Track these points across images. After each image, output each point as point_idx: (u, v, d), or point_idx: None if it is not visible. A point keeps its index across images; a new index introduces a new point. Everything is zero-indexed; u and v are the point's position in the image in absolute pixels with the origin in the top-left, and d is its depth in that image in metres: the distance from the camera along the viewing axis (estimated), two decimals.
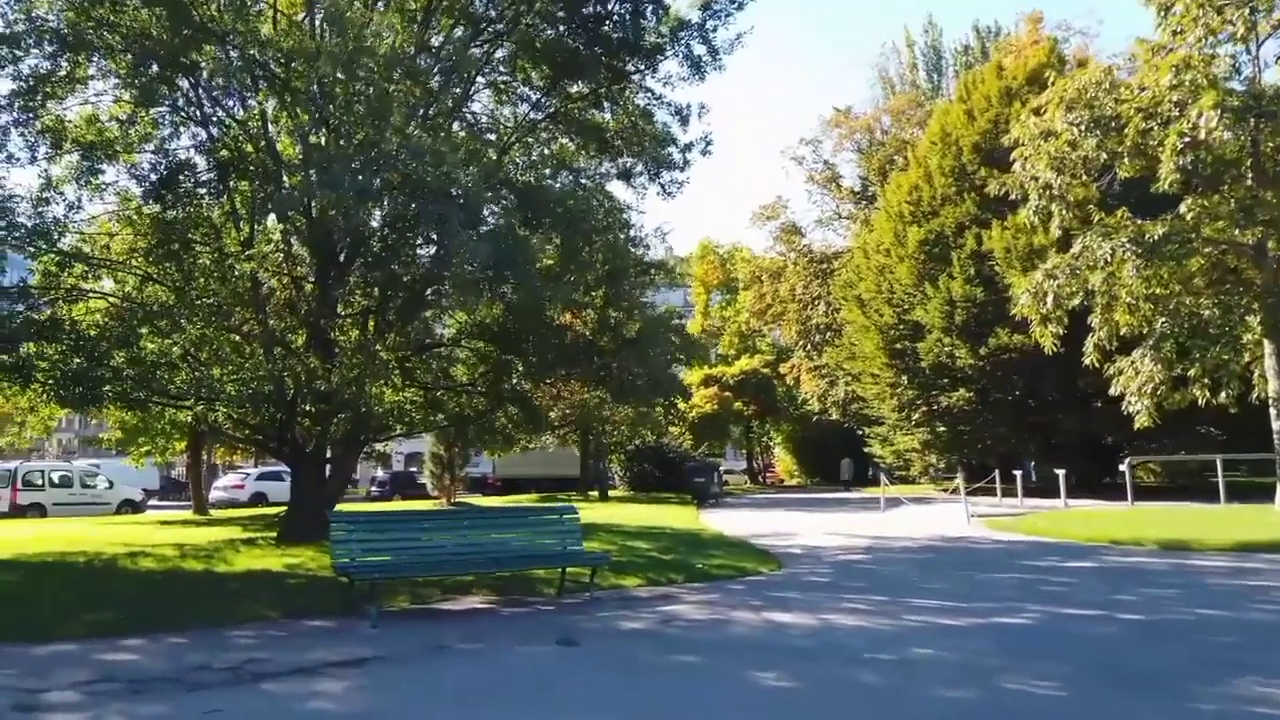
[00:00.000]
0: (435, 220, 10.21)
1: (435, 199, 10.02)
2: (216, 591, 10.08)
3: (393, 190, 10.79)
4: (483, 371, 16.57)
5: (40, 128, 13.86)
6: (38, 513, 27.32)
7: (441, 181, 9.85)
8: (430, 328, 17.73)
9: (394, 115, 10.23)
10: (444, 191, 9.99)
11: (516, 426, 19.64)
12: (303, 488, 15.04)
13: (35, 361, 12.80)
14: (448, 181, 9.88)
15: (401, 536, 9.30)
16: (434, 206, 10.06)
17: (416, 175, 9.98)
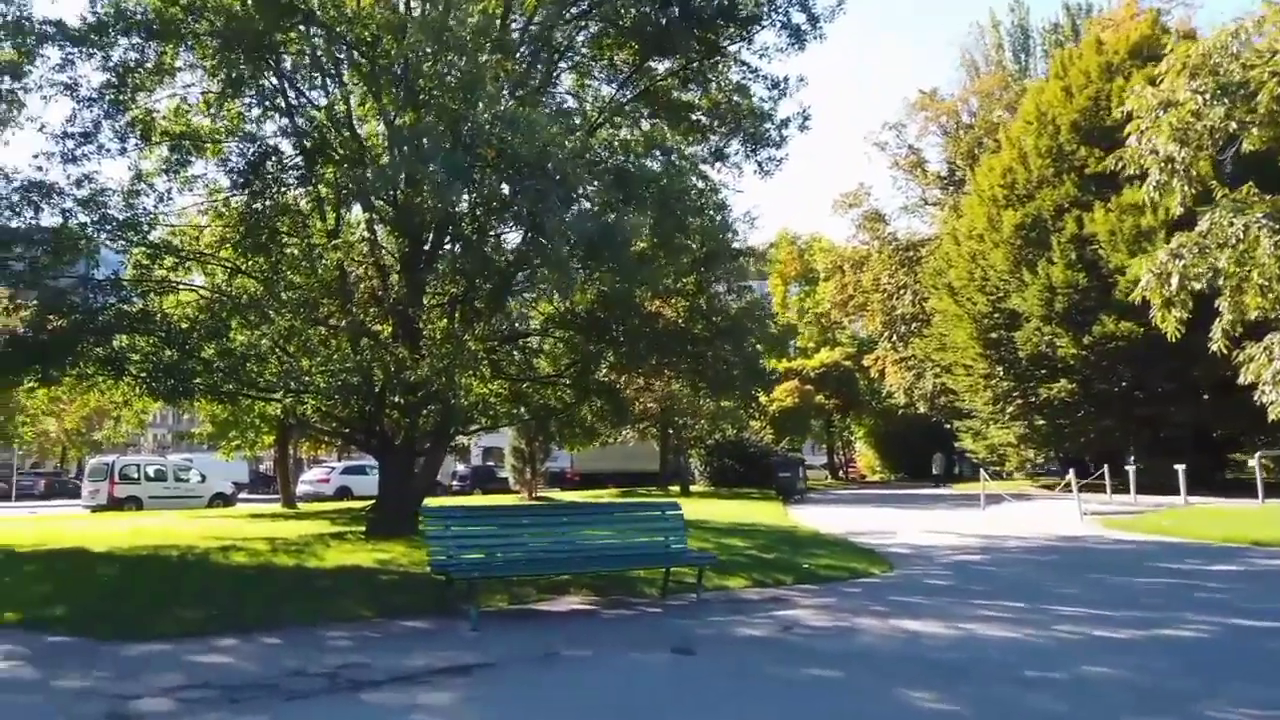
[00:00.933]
0: (531, 197, 9.66)
1: (531, 174, 9.48)
2: (308, 588, 9.73)
3: (485, 168, 10.29)
4: (569, 362, 16.04)
5: (130, 119, 13.84)
6: (134, 505, 27.97)
7: (537, 155, 9.30)
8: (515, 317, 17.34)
9: (487, 86, 9.71)
10: (540, 166, 9.44)
11: (601, 419, 19.10)
12: (391, 481, 14.74)
13: (128, 354, 12.74)
14: (543, 156, 9.33)
15: (499, 533, 8.79)
16: (529, 182, 9.52)
17: (511, 150, 9.45)
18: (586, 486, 43.19)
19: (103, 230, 13.79)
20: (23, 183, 13.69)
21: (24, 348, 12.23)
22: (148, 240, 14.03)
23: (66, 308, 12.66)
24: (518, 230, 12.02)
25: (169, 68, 14.02)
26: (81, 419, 35.33)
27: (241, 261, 14.72)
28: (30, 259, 13.52)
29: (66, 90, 13.65)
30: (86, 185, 13.79)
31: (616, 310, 12.95)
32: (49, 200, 13.61)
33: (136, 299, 13.69)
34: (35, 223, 13.65)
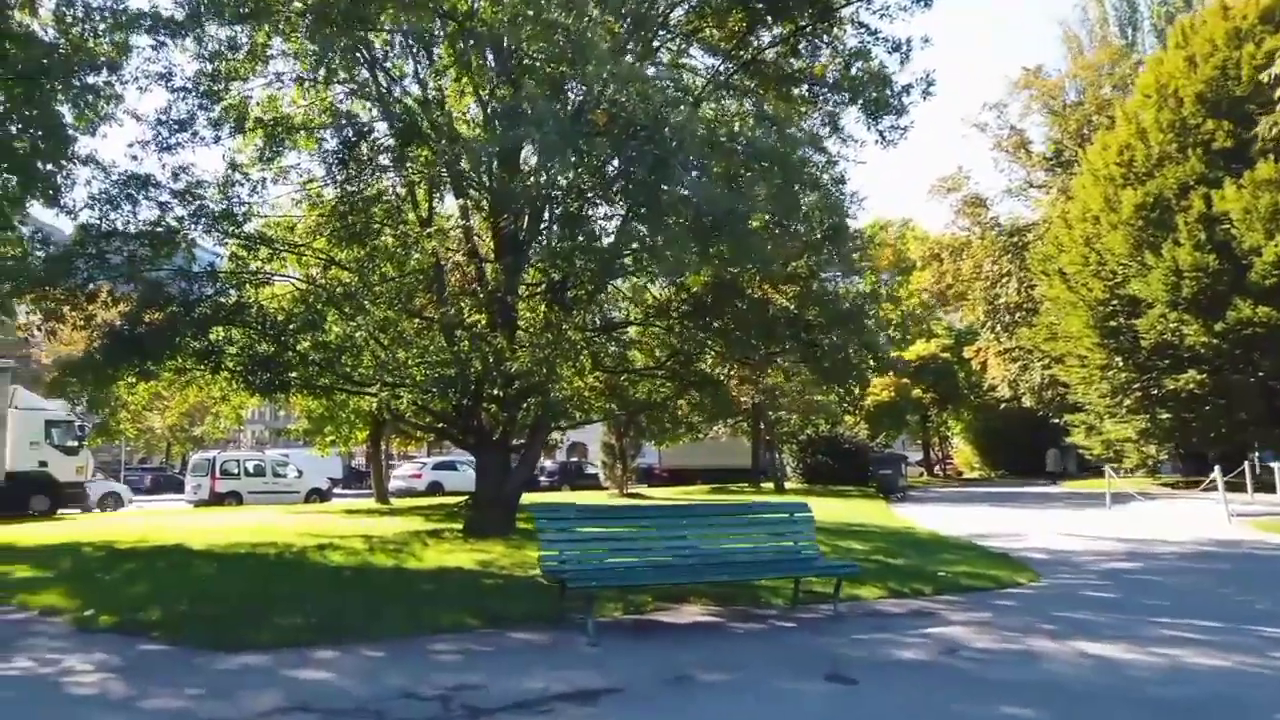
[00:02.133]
0: (650, 163, 8.82)
1: (649, 139, 8.65)
2: (409, 592, 9.12)
3: (594, 136, 9.48)
4: (669, 353, 15.17)
5: (224, 108, 13.57)
6: (235, 500, 28.38)
7: (653, 120, 8.47)
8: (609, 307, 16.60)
9: (598, 45, 8.90)
10: (657, 131, 8.60)
11: (700, 414, 18.19)
12: (488, 478, 14.15)
13: (224, 347, 12.44)
14: (659, 121, 8.50)
15: (615, 536, 7.98)
16: (647, 148, 8.69)
17: (624, 115, 8.64)
18: (674, 482, 42.37)
19: (199, 222, 13.59)
20: (121, 176, 13.59)
21: (122, 342, 12.02)
22: (243, 232, 13.74)
23: (164, 301, 12.41)
24: (624, 206, 11.11)
25: (261, 53, 13.69)
26: (182, 415, 36.26)
27: (335, 252, 14.33)
28: (129, 252, 13.39)
29: (161, 80, 13.48)
30: (183, 177, 13.63)
31: (725, 295, 12.00)
32: (146, 193, 13.48)
33: (232, 291, 13.41)
34: (133, 215, 13.52)
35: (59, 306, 12.63)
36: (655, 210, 9.62)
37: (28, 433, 22.73)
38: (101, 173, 14.14)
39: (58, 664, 6.41)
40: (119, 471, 44.66)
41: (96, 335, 12.69)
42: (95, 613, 8.09)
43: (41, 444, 23.04)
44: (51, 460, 23.17)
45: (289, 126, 13.55)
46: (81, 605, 8.42)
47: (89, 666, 6.33)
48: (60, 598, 8.80)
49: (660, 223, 9.49)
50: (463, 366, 11.40)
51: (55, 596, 8.85)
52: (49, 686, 5.86)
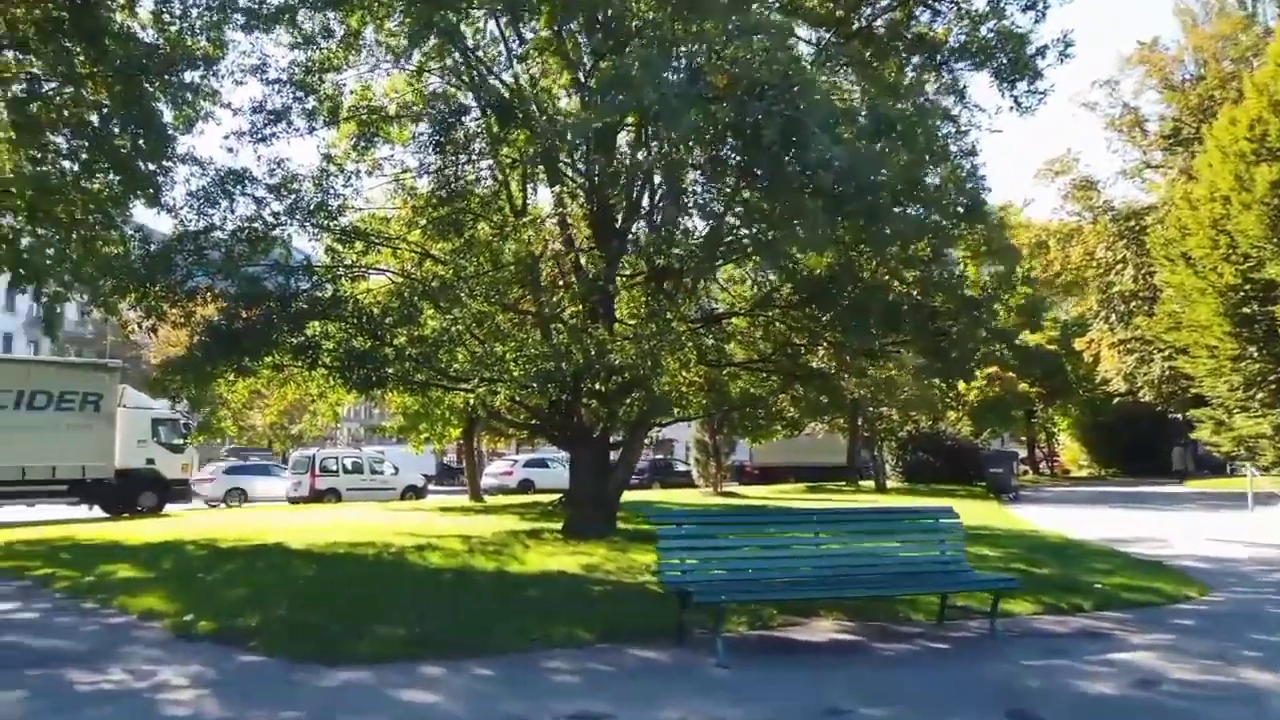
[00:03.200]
0: (780, 128, 7.97)
1: (777, 101, 7.82)
2: (515, 600, 8.54)
3: (713, 100, 8.67)
4: (776, 345, 14.26)
5: (318, 99, 13.31)
6: (334, 497, 28.62)
7: (782, 78, 7.65)
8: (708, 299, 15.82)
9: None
10: (788, 89, 7.77)
11: (808, 409, 17.22)
12: (586, 477, 13.56)
13: (320, 342, 12.14)
14: (788, 80, 7.67)
15: (742, 544, 7.17)
16: (776, 108, 7.86)
17: (749, 74, 7.82)
18: (765, 480, 41.26)
19: (294, 217, 13.37)
20: (218, 172, 13.47)
21: (221, 338, 11.83)
22: (338, 226, 13.47)
23: (261, 296, 12.18)
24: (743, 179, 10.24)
25: (354, 42, 13.38)
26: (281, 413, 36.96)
27: (430, 245, 13.95)
28: (226, 248, 13.24)
29: (255, 72, 13.30)
30: (278, 172, 13.44)
31: (843, 280, 11.03)
32: (243, 188, 13.31)
33: (328, 285, 13.14)
34: (230, 211, 13.37)
35: (159, 303, 12.53)
36: (781, 182, 8.77)
37: (136, 431, 23.23)
38: (199, 169, 14.07)
39: (153, 677, 5.99)
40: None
41: (196, 332, 12.57)
42: (194, 618, 7.74)
43: (149, 442, 23.52)
44: (158, 458, 23.64)
45: (383, 116, 13.19)
46: (180, 609, 8.09)
47: (184, 681, 5.89)
48: (160, 600, 8.51)
49: (788, 195, 8.63)
50: (562, 360, 10.79)
51: (155, 599, 8.56)
52: (143, 705, 5.42)
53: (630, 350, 10.23)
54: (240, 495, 29.33)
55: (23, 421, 20.73)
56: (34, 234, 16.22)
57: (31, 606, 8.71)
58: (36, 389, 21.17)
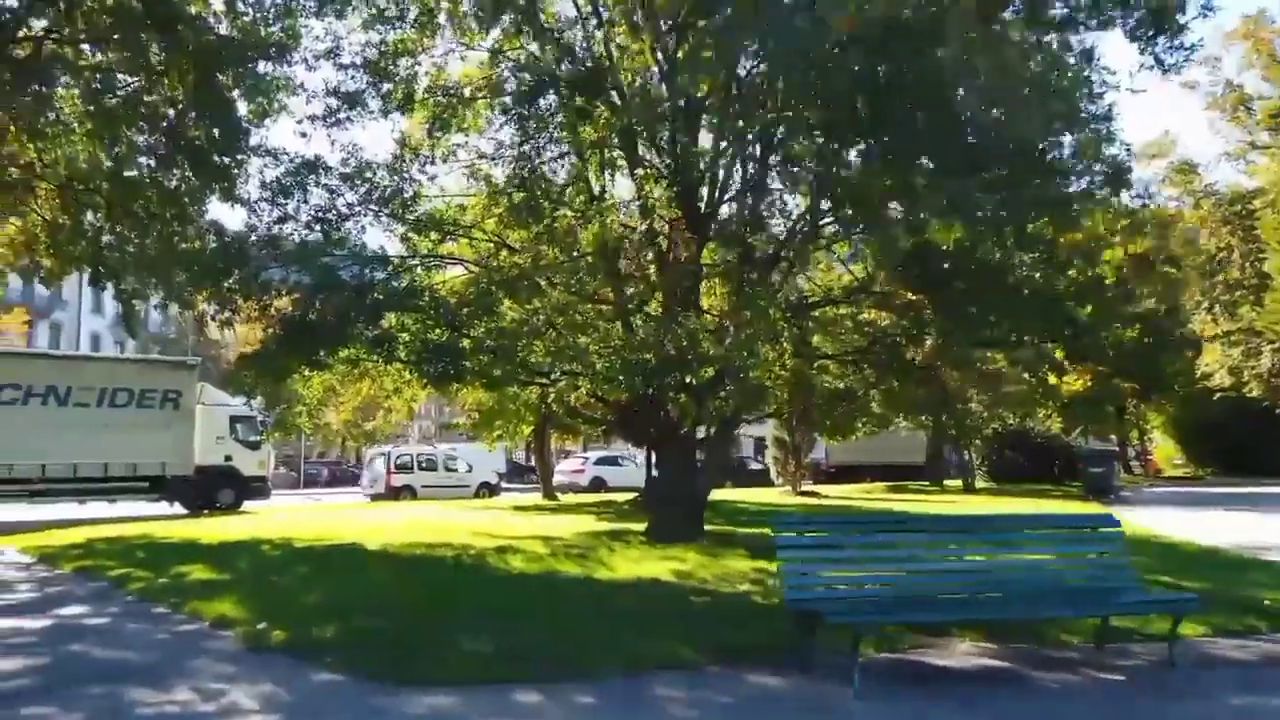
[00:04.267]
0: (919, 77, 7.03)
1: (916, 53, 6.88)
2: (609, 611, 7.79)
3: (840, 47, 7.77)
4: (877, 335, 13.25)
5: (393, 83, 12.81)
6: (409, 494, 28.51)
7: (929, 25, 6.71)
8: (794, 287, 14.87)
9: None
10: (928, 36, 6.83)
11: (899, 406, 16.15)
12: (671, 476, 12.80)
13: (397, 334, 11.62)
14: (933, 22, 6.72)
15: (871, 555, 6.27)
16: (915, 55, 6.93)
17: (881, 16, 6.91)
18: (841, 479, 39.96)
19: (368, 206, 12.92)
20: (292, 160, 13.09)
21: (295, 330, 11.39)
22: (413, 214, 12.97)
23: (335, 286, 11.72)
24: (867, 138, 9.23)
25: (429, 23, 12.84)
26: (355, 410, 37.13)
27: (507, 234, 13.35)
28: (300, 239, 12.85)
29: (328, 56, 12.87)
30: (352, 161, 13.00)
31: (960, 261, 9.98)
32: (316, 178, 12.91)
33: (405, 275, 12.64)
34: (304, 202, 12.96)
35: (233, 296, 12.18)
36: (913, 142, 7.82)
37: (214, 428, 23.32)
38: (272, 160, 13.72)
39: (221, 698, 5.41)
40: (298, 466, 46.62)
41: (271, 324, 12.19)
42: (267, 627, 7.19)
43: (226, 439, 23.59)
44: (236, 455, 23.69)
45: (459, 96, 12.61)
46: (253, 617, 7.57)
47: (254, 704, 5.29)
48: (233, 606, 8.01)
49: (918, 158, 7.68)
50: (651, 351, 10.03)
51: (228, 605, 8.07)
52: None
53: (724, 340, 9.41)
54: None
55: (105, 419, 20.91)
56: (113, 230, 16.16)
57: (103, 611, 8.31)
58: (118, 387, 21.34)
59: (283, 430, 17.12)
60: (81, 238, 16.12)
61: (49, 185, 15.92)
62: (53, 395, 20.42)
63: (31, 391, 20.19)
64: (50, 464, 20.05)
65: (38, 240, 16.44)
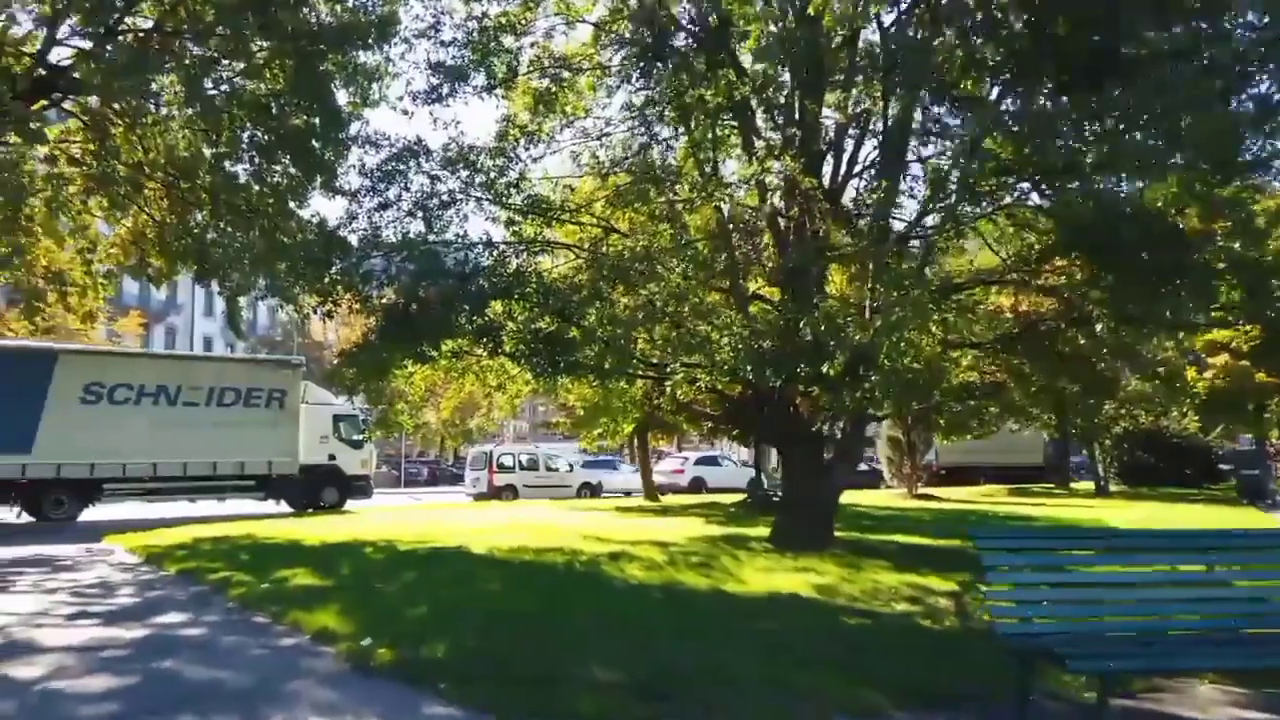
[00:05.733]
0: None
1: None
2: (749, 632, 6.76)
3: None
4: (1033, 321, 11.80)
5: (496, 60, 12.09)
6: (511, 494, 28.07)
7: None
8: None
9: None
10: None
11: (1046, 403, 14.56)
12: (799, 477, 11.68)
13: (503, 323, 10.84)
14: None
15: (1098, 578, 4.95)
16: None
17: None
18: (953, 481, 37.86)
19: (471, 191, 12.22)
20: (392, 146, 12.50)
21: (398, 321, 10.73)
22: (519, 199, 12.21)
23: (439, 274, 11.03)
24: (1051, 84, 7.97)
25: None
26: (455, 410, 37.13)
27: (616, 217, 12.46)
28: (402, 228, 12.25)
29: (429, 34, 12.23)
30: (453, 146, 12.33)
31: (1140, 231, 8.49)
32: (418, 163, 12.28)
33: (512, 260, 11.87)
34: (405, 189, 12.36)
35: (334, 286, 11.64)
36: (1119, 77, 6.53)
37: (318, 427, 23.22)
38: (372, 149, 13.18)
39: None
40: (399, 465, 47.06)
41: (372, 315, 11.60)
42: (372, 643, 6.42)
43: (330, 438, 23.49)
44: (340, 454, 23.57)
45: (568, 66, 11.78)
46: (358, 631, 6.83)
47: None
48: (335, 618, 7.30)
49: (1125, 98, 6.36)
50: (784, 338, 8.94)
51: (330, 616, 7.36)
52: None
53: (878, 323, 8.25)
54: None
55: (213, 418, 20.97)
56: (217, 227, 16.01)
57: (200, 620, 7.72)
58: (226, 386, 21.39)
59: (385, 428, 16.66)
60: (187, 234, 16.04)
61: (155, 184, 15.89)
62: (163, 395, 20.55)
63: (143, 391, 20.36)
64: (161, 463, 20.18)
65: (146, 239, 16.46)
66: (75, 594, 9.18)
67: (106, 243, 17.38)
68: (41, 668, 6.07)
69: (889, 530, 14.88)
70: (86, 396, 19.63)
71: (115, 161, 15.04)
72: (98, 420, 19.57)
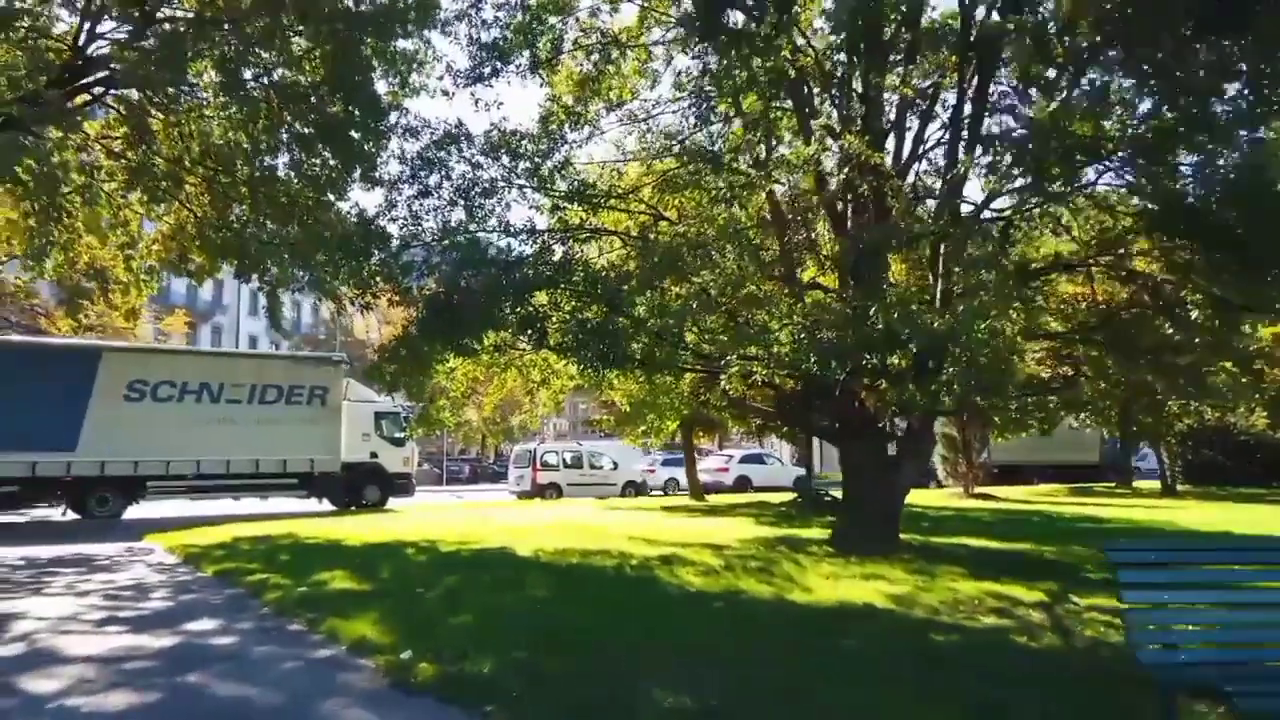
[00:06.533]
0: None
1: None
2: (826, 649, 6.11)
3: None
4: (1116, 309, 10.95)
5: (542, 33, 11.55)
6: (555, 493, 27.62)
7: None
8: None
9: None
10: None
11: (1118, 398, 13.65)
12: (863, 477, 10.96)
13: (549, 313, 10.28)
14: None
15: (1259, 598, 4.27)
16: None
17: None
18: (1006, 480, 36.66)
19: (514, 176, 11.70)
20: (433, 133, 12.03)
21: (439, 310, 10.21)
22: (564, 184, 11.66)
23: (482, 261, 10.50)
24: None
25: None
26: (495, 408, 36.89)
27: (665, 203, 11.86)
28: (443, 216, 11.76)
29: (469, 13, 11.72)
30: (495, 132, 11.81)
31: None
32: (459, 149, 11.79)
33: (557, 248, 11.32)
34: (446, 177, 11.88)
35: (374, 277, 11.19)
36: None
37: (360, 425, 22.96)
38: (413, 138, 12.72)
39: None
40: (441, 463, 46.91)
41: (412, 306, 11.13)
42: (412, 657, 5.91)
43: (372, 435, 23.21)
44: (381, 451, 23.29)
45: (616, 42, 11.19)
46: (398, 641, 6.33)
47: None
48: (374, 627, 6.81)
49: None
50: (850, 328, 8.26)
51: (369, 625, 6.87)
52: None
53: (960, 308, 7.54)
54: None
55: (255, 415, 20.79)
56: (257, 221, 15.71)
57: (233, 628, 7.27)
58: (268, 383, 21.21)
59: (426, 425, 16.23)
60: (228, 229, 15.76)
61: (195, 179, 15.64)
62: (206, 392, 20.42)
63: (186, 389, 20.24)
64: (204, 460, 20.03)
65: (186, 235, 16.23)
66: (108, 597, 8.83)
67: (148, 239, 17.22)
68: (61, 681, 5.65)
69: (951, 532, 14.10)
70: (130, 394, 19.54)
71: (154, 155, 14.80)
72: (141, 418, 19.47)
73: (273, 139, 14.75)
